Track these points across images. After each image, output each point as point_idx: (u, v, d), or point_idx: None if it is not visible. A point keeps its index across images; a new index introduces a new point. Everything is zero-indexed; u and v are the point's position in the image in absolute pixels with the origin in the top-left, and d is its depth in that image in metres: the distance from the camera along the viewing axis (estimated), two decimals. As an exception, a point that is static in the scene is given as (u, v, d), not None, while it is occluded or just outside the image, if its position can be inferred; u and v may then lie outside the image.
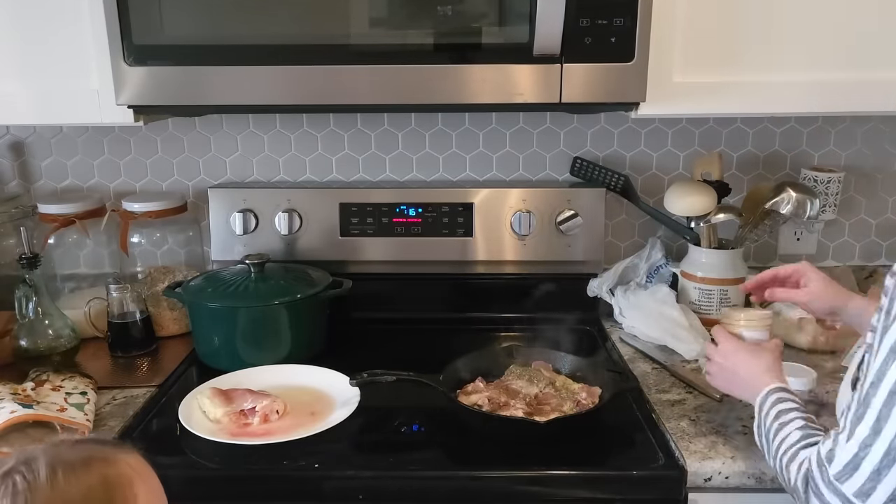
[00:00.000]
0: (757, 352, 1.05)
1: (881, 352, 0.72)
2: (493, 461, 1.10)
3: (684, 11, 1.26)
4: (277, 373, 1.33)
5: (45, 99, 1.33)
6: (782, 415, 0.91)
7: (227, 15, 1.22)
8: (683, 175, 1.69)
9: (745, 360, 1.04)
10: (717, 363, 1.09)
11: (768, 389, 0.96)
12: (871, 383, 0.73)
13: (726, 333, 1.10)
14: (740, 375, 1.04)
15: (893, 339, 0.71)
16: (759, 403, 0.96)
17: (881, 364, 0.71)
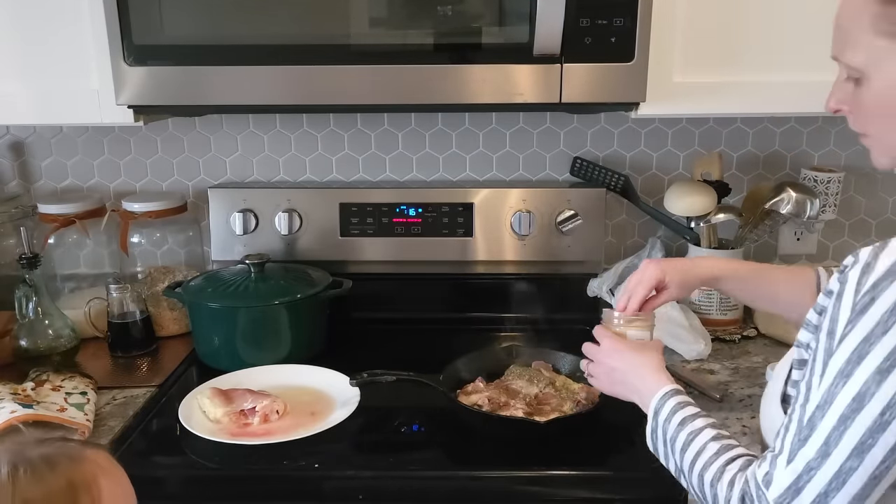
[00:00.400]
0: (642, 350, 1.02)
1: (827, 375, 0.70)
2: (493, 461, 1.10)
3: (684, 11, 1.26)
4: (277, 373, 1.33)
5: (45, 99, 1.33)
6: (688, 422, 0.87)
7: (227, 15, 1.22)
8: (683, 175, 1.69)
9: (631, 359, 1.01)
10: (599, 363, 1.06)
11: (663, 392, 0.93)
12: (816, 406, 0.71)
13: (609, 333, 1.07)
14: (627, 377, 1.01)
15: (841, 362, 0.69)
16: (656, 408, 0.92)
17: (829, 388, 0.70)
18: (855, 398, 0.68)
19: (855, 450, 0.68)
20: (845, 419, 0.68)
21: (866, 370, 0.67)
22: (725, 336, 1.50)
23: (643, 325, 1.09)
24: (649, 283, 1.09)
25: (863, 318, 0.68)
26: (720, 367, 1.38)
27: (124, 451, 1.14)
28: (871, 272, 0.68)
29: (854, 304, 0.69)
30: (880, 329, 0.67)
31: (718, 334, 1.50)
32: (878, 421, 0.67)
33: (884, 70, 0.74)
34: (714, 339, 1.46)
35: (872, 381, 0.67)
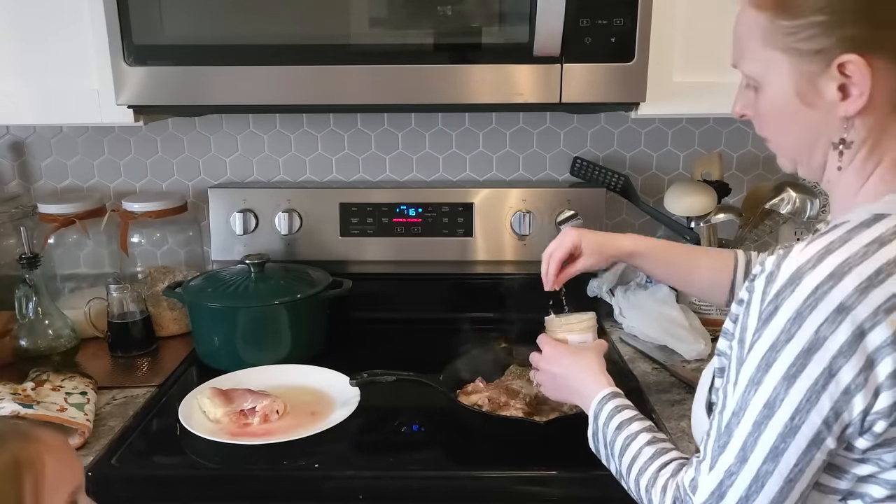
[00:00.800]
0: (581, 353, 1.05)
1: (740, 383, 0.72)
2: (493, 461, 1.10)
3: (684, 11, 1.26)
4: (277, 373, 1.33)
5: (46, 99, 1.33)
6: (624, 426, 0.90)
7: (227, 15, 1.22)
8: (683, 175, 1.69)
9: (571, 363, 1.04)
10: (543, 370, 1.08)
11: (602, 396, 0.95)
12: (732, 412, 0.72)
13: (550, 340, 1.10)
14: (568, 381, 1.04)
15: (751, 370, 0.71)
16: (595, 411, 0.95)
17: (742, 394, 0.71)
18: (766, 404, 0.70)
19: (769, 454, 0.70)
20: (759, 425, 0.70)
21: (774, 377, 0.69)
22: (725, 336, 1.50)
23: (584, 328, 1.12)
24: (566, 248, 1.14)
25: (768, 327, 0.69)
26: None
27: (124, 451, 1.13)
28: (774, 281, 0.70)
29: (760, 313, 0.70)
30: (784, 337, 0.68)
31: (718, 334, 1.49)
32: (788, 425, 0.69)
33: (775, 79, 0.77)
34: (714, 339, 1.46)
35: (781, 388, 0.69)
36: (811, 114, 0.75)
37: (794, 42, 0.73)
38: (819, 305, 0.66)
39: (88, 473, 1.06)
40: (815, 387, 0.67)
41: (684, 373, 1.35)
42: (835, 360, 0.66)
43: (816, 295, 0.66)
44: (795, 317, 0.67)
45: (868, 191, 0.75)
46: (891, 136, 0.74)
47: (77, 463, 0.79)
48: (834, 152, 0.76)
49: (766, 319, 0.69)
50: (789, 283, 0.68)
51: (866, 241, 0.68)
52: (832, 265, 0.67)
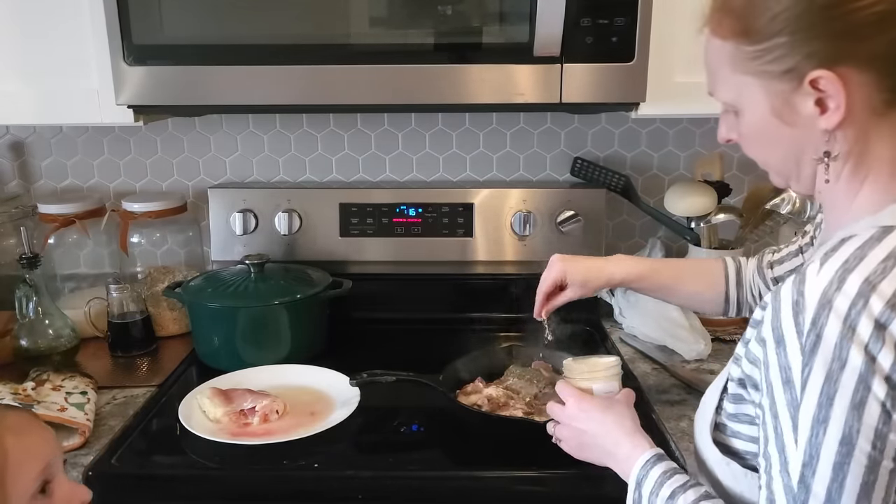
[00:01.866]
0: (611, 408, 0.95)
1: (802, 428, 0.65)
2: (493, 461, 1.10)
3: (684, 11, 1.25)
4: (277, 373, 1.33)
5: (45, 99, 1.33)
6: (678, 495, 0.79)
7: (226, 15, 1.22)
8: (684, 175, 1.69)
9: (600, 420, 0.94)
10: (566, 426, 0.99)
11: (645, 461, 0.86)
12: (803, 464, 0.65)
13: (573, 391, 1.00)
14: (598, 439, 0.94)
15: (812, 408, 0.65)
16: (637, 479, 0.85)
17: (809, 440, 0.65)
18: (842, 441, 0.64)
19: (861, 492, 0.64)
20: (840, 466, 0.64)
21: (842, 409, 0.64)
22: (725, 336, 1.50)
23: (609, 376, 1.03)
24: (550, 281, 1.15)
25: (817, 358, 0.65)
26: (720, 367, 1.37)
27: (124, 450, 1.13)
28: (804, 310, 0.66)
29: (802, 346, 0.66)
30: (838, 364, 0.64)
31: (718, 334, 1.50)
32: (872, 455, 0.64)
33: (750, 102, 0.77)
34: (714, 339, 1.46)
35: (853, 418, 0.64)
36: (792, 131, 0.75)
37: (762, 65, 0.74)
38: (859, 327, 0.64)
39: (89, 473, 1.06)
40: (885, 408, 0.63)
41: (684, 373, 1.35)
42: (891, 375, 0.63)
43: (852, 316, 0.64)
44: (841, 341, 0.64)
45: (864, 199, 0.75)
46: (876, 141, 0.73)
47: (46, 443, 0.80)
48: (821, 165, 0.75)
49: (811, 352, 0.65)
50: (821, 309, 0.65)
51: (882, 257, 0.66)
52: (857, 284, 0.65)
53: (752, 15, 0.73)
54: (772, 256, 1.12)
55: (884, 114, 0.72)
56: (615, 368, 1.04)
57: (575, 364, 1.06)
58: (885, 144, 0.73)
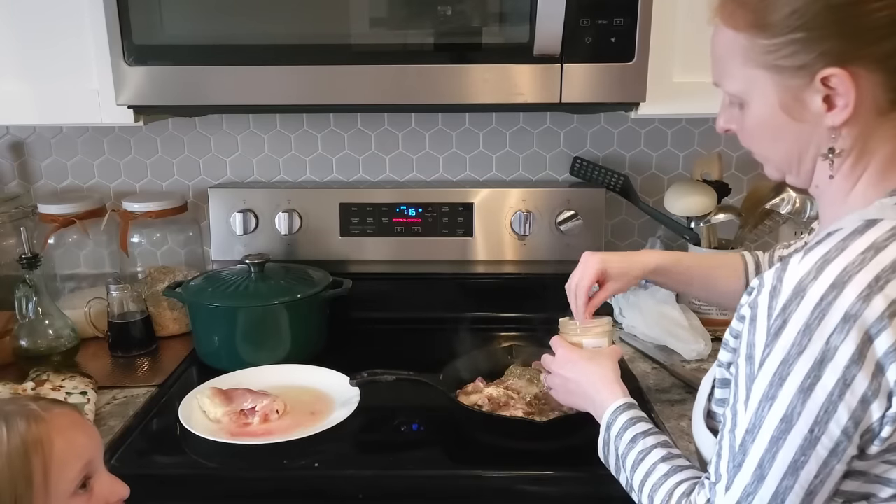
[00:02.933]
0: (596, 359, 1.02)
1: (752, 400, 0.71)
2: (493, 461, 1.10)
3: (684, 11, 1.26)
4: (277, 373, 1.33)
5: (45, 99, 1.33)
6: (639, 440, 0.88)
7: (227, 15, 1.22)
8: (683, 175, 1.69)
9: (584, 369, 1.02)
10: (556, 375, 1.06)
11: (616, 406, 0.93)
12: (746, 430, 0.71)
13: (564, 343, 1.07)
14: (582, 387, 1.01)
15: (764, 385, 0.70)
16: (608, 421, 0.93)
17: (756, 411, 0.71)
18: (783, 419, 0.69)
19: (789, 469, 0.69)
20: (776, 440, 0.69)
21: (790, 391, 0.68)
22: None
23: (599, 333, 1.08)
24: (591, 276, 1.11)
25: (778, 341, 0.69)
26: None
27: (124, 450, 1.14)
28: (778, 295, 0.70)
29: (769, 328, 0.70)
30: (796, 350, 0.68)
31: (718, 334, 1.49)
32: (808, 438, 0.68)
33: (759, 96, 0.78)
34: (714, 339, 1.46)
35: (797, 401, 0.68)
36: (798, 126, 0.76)
37: (776, 59, 0.74)
38: (826, 316, 0.66)
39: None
40: (831, 398, 0.67)
41: (684, 373, 1.35)
42: (848, 369, 0.66)
43: (822, 306, 0.67)
44: (805, 329, 0.67)
45: (857, 195, 0.76)
46: (876, 140, 0.75)
47: (88, 439, 0.83)
48: (824, 162, 0.76)
49: (776, 334, 0.69)
50: (794, 297, 0.68)
51: (862, 249, 0.68)
52: (833, 275, 0.67)
53: (769, 9, 0.74)
54: (782, 252, 1.13)
55: (886, 113, 0.73)
56: (605, 326, 1.09)
57: (569, 322, 1.11)
58: (883, 142, 0.75)
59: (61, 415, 0.82)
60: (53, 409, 0.82)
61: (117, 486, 0.85)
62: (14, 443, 0.75)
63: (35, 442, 0.76)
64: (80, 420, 0.86)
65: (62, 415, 0.82)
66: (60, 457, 0.78)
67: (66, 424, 0.81)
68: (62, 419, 0.81)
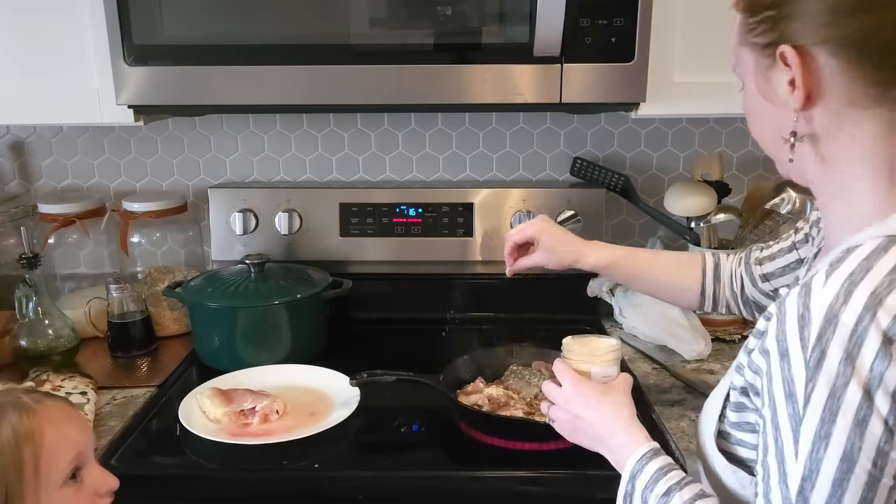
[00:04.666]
0: (609, 395, 0.93)
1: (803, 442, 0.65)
2: (493, 461, 1.10)
3: (684, 11, 1.26)
4: (277, 373, 1.33)
5: (46, 99, 1.33)
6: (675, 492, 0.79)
7: (227, 15, 1.22)
8: (683, 175, 1.69)
9: (597, 408, 0.92)
10: (562, 410, 0.96)
11: (641, 455, 0.85)
12: (802, 478, 0.65)
13: (571, 373, 0.96)
14: (594, 428, 0.92)
15: (815, 424, 0.64)
16: (632, 472, 0.84)
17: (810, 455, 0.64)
18: (843, 458, 0.63)
19: None
20: (839, 482, 0.63)
21: (844, 426, 0.63)
22: (725, 336, 1.50)
23: (609, 360, 0.99)
24: (524, 233, 1.17)
25: (821, 374, 0.64)
26: (720, 367, 1.38)
27: (124, 450, 1.13)
28: (809, 325, 0.65)
29: (806, 361, 0.65)
30: (842, 381, 0.63)
31: (718, 334, 1.50)
32: (872, 473, 0.63)
33: (745, 76, 0.79)
34: (714, 339, 1.46)
35: (854, 436, 0.63)
36: (772, 109, 0.76)
37: (753, 37, 0.76)
38: (865, 342, 0.63)
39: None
40: (888, 426, 0.63)
41: (684, 373, 1.35)
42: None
43: (859, 331, 0.63)
44: (846, 357, 0.63)
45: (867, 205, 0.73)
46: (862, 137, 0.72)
47: (79, 432, 0.84)
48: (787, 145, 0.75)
49: (816, 367, 0.64)
50: (827, 324, 0.64)
51: (888, 269, 0.65)
52: (863, 298, 0.64)
53: None
54: (759, 253, 1.12)
55: (868, 108, 0.71)
56: (615, 353, 1.00)
57: (574, 344, 1.01)
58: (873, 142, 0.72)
59: (53, 406, 0.83)
60: (45, 400, 0.83)
61: (107, 477, 0.86)
62: (6, 434, 0.76)
63: (26, 433, 0.77)
64: (72, 412, 0.87)
65: (54, 406, 0.83)
66: (51, 448, 0.79)
67: (57, 416, 0.82)
68: (53, 411, 0.82)
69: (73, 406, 0.89)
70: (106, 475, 0.86)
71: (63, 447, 0.81)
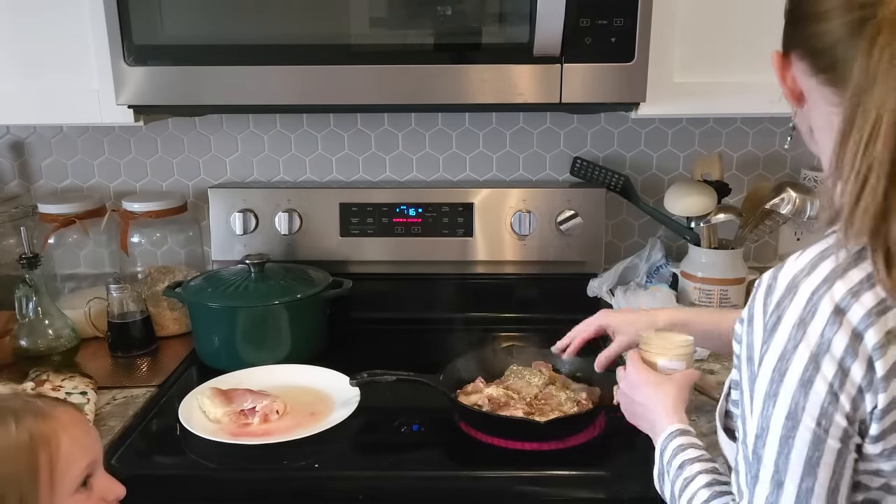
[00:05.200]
0: (661, 386, 0.99)
1: (756, 401, 0.70)
2: (493, 461, 1.10)
3: (684, 11, 1.26)
4: (277, 373, 1.33)
5: (46, 99, 1.33)
6: (686, 467, 0.85)
7: (227, 15, 1.22)
8: (683, 175, 1.69)
9: (649, 394, 0.99)
10: (623, 393, 1.05)
11: (668, 433, 0.91)
12: (756, 436, 0.70)
13: (638, 361, 1.04)
14: (645, 409, 1.00)
15: (765, 384, 0.69)
16: (661, 448, 0.91)
17: (761, 413, 0.69)
18: (788, 416, 0.67)
19: (805, 469, 0.67)
20: (785, 440, 0.68)
21: (790, 386, 0.67)
22: (725, 336, 1.50)
23: (678, 356, 1.04)
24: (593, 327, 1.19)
25: (774, 337, 0.69)
26: (720, 367, 1.38)
27: (124, 450, 1.14)
28: (773, 293, 0.70)
29: (764, 325, 0.70)
30: (791, 344, 0.67)
31: (718, 334, 1.50)
32: (816, 433, 0.66)
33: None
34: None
35: (799, 395, 0.67)
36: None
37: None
38: (818, 310, 0.66)
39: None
40: (832, 389, 0.66)
41: (684, 373, 1.34)
42: (843, 359, 0.66)
43: (814, 300, 0.67)
44: (799, 323, 0.67)
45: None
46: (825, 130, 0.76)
47: (92, 439, 0.85)
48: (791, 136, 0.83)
49: (772, 330, 0.69)
50: (787, 293, 0.69)
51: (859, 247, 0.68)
52: (825, 270, 0.68)
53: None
54: None
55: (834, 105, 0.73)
56: (684, 349, 1.05)
57: (651, 337, 1.07)
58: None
59: (65, 412, 0.83)
60: (57, 406, 0.84)
61: (115, 485, 0.86)
62: (22, 437, 0.76)
63: (43, 438, 0.77)
64: (83, 419, 0.87)
65: (66, 412, 0.83)
66: (67, 454, 0.79)
67: (70, 422, 0.82)
68: (66, 416, 0.82)
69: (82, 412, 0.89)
70: (114, 483, 0.86)
71: (77, 454, 0.81)
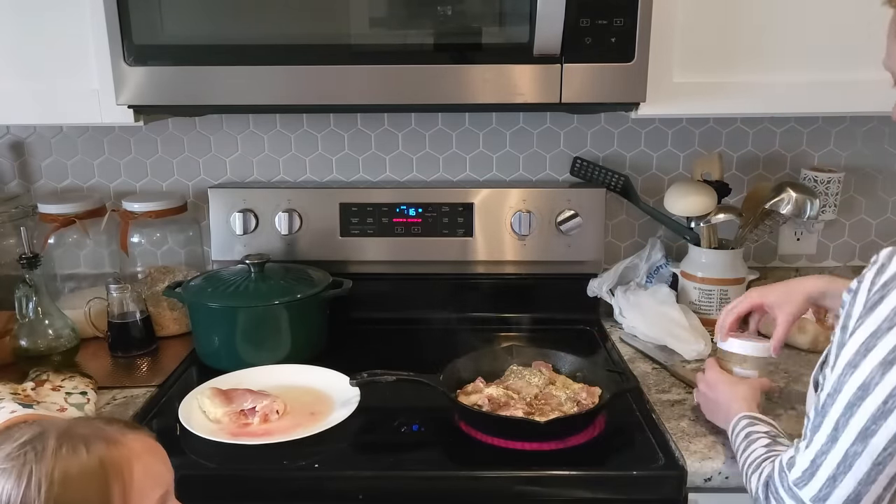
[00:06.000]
0: (737, 385, 1.10)
1: (838, 366, 0.76)
2: (493, 461, 1.10)
3: (684, 12, 1.26)
4: (277, 373, 1.33)
5: (45, 99, 1.33)
6: (751, 435, 0.96)
7: (227, 15, 1.22)
8: (683, 175, 1.69)
9: (724, 390, 1.10)
10: (702, 393, 1.15)
11: (740, 416, 1.01)
12: (828, 394, 0.76)
13: (715, 365, 1.16)
14: (719, 404, 1.10)
15: (850, 354, 0.74)
16: (732, 427, 1.01)
17: (838, 377, 0.75)
18: (860, 387, 0.73)
19: (859, 435, 0.73)
20: (851, 406, 0.73)
21: (872, 361, 0.72)
22: (725, 336, 1.50)
23: (750, 364, 1.15)
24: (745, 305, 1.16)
25: (872, 315, 0.73)
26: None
27: (124, 451, 1.13)
28: (883, 272, 0.73)
29: (866, 301, 0.74)
30: (886, 325, 0.71)
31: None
32: (881, 409, 0.71)
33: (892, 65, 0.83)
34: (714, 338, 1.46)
35: (877, 372, 0.71)
36: None
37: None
38: None
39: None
40: None
41: (684, 373, 1.35)
42: None
43: None
44: None
45: None
46: None
47: (165, 467, 0.79)
48: None
49: (871, 307, 0.73)
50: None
51: None
52: None
53: None
54: None
55: None
56: (757, 360, 1.15)
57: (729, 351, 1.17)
58: None
59: (136, 439, 0.77)
60: (128, 433, 0.77)
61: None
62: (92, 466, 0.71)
63: (115, 468, 0.72)
64: (156, 445, 0.80)
65: (137, 439, 0.77)
66: (140, 485, 0.73)
67: (143, 450, 0.76)
68: (138, 444, 0.76)
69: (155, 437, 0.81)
70: None
71: (150, 484, 0.75)
